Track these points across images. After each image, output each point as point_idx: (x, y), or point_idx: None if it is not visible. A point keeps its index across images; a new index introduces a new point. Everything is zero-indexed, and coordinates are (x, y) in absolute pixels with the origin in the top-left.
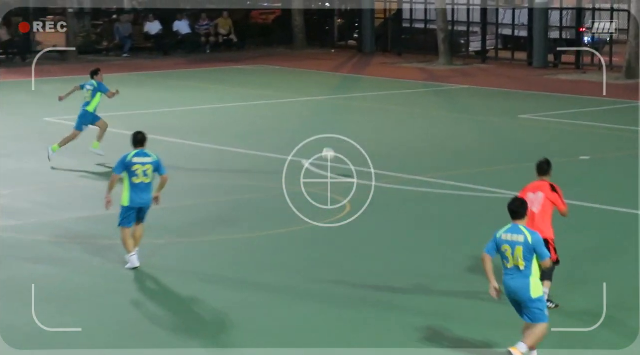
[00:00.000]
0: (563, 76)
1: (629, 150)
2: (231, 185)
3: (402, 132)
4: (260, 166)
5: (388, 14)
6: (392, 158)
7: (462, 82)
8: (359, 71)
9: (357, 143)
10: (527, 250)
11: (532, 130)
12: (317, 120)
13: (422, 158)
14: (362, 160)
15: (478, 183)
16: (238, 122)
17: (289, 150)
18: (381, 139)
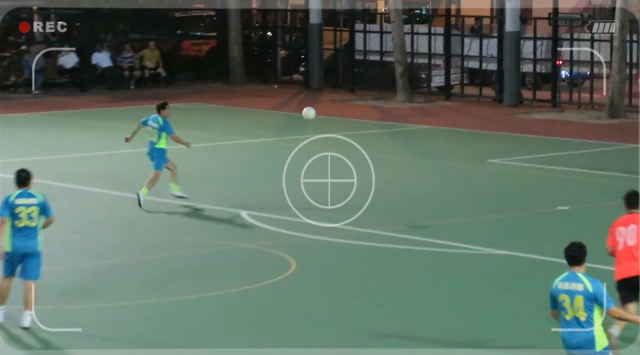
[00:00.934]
0: (538, 115)
1: (615, 200)
2: (159, 241)
3: (361, 177)
4: (194, 219)
5: (338, 45)
6: (343, 209)
7: (423, 122)
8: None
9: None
10: (587, 300)
11: (502, 176)
12: (259, 165)
13: (378, 209)
14: (312, 212)
15: (440, 237)
16: None
17: (228, 201)
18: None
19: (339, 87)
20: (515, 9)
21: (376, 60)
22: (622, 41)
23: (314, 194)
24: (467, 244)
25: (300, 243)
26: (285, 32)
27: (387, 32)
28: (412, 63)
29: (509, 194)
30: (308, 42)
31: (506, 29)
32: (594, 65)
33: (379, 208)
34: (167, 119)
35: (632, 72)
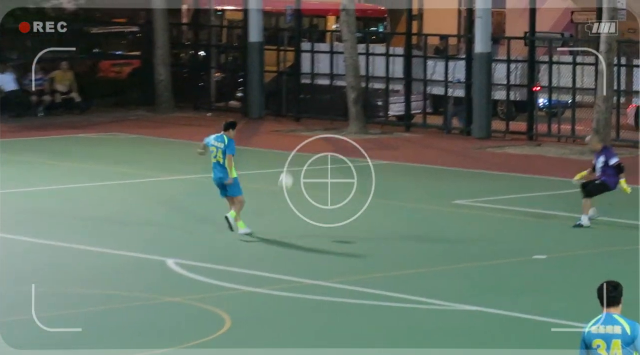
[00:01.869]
0: (511, 149)
1: (599, 247)
2: (72, 294)
3: (302, 223)
4: (113, 268)
5: (282, 67)
6: (288, 257)
7: (380, 156)
8: (244, 141)
9: (236, 238)
10: (625, 344)
11: (470, 220)
12: (188, 206)
13: (326, 257)
14: (248, 261)
15: (399, 290)
16: (83, 209)
17: (152, 247)
18: (273, 233)
19: (282, 115)
20: (487, 27)
21: (325, 84)
22: (609, 65)
23: (253, 247)
24: (430, 299)
25: (235, 297)
26: (221, 51)
27: (339, 52)
28: (367, 88)
29: (479, 240)
30: (247, 63)
31: (475, 50)
32: (576, 92)
33: (328, 255)
34: (232, 139)
35: (620, 100)
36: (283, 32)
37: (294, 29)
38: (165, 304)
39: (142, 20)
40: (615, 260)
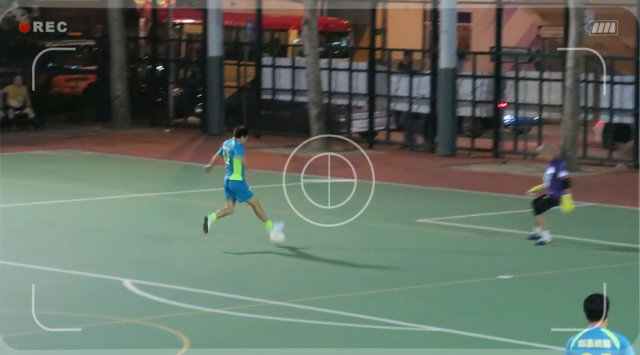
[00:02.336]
0: (476, 167)
1: (565, 267)
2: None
3: (262, 242)
4: (66, 288)
5: (242, 82)
6: (247, 277)
7: (342, 174)
8: (202, 159)
9: (196, 259)
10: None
11: (434, 239)
12: (145, 224)
13: (287, 277)
14: (207, 281)
15: (360, 310)
16: (37, 227)
17: (108, 267)
18: (233, 252)
19: None
20: (452, 42)
21: (287, 100)
22: (576, 81)
23: (214, 266)
24: (393, 320)
25: (194, 318)
26: (179, 66)
27: (300, 67)
28: (330, 104)
29: (442, 260)
30: (206, 78)
31: (440, 66)
32: (542, 108)
33: (289, 275)
34: (240, 143)
35: (587, 117)
36: (243, 47)
37: (255, 43)
38: (122, 325)
39: (98, 33)
40: (581, 281)
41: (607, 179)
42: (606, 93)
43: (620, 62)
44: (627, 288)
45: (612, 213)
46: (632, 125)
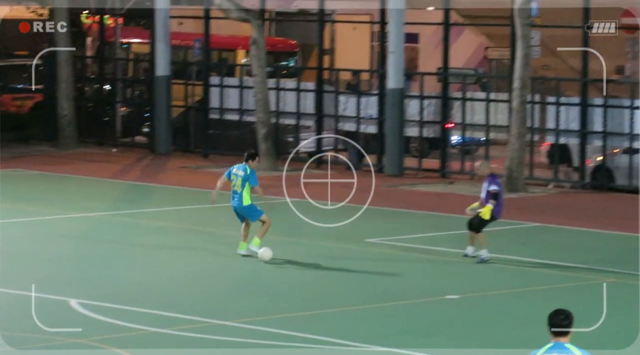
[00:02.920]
0: (424, 187)
1: (512, 288)
2: None
3: (210, 262)
4: (12, 308)
5: (190, 102)
6: (195, 297)
7: (290, 194)
8: (150, 178)
9: (143, 278)
10: None
11: (382, 259)
12: (91, 244)
13: (234, 297)
14: (154, 300)
15: (308, 330)
16: None
17: (54, 286)
18: (181, 272)
19: (190, 151)
20: (399, 62)
21: (234, 120)
22: (522, 102)
23: (159, 285)
24: (340, 339)
25: (140, 337)
26: (127, 85)
27: (248, 87)
28: (278, 124)
29: (390, 280)
30: (153, 97)
31: (388, 86)
32: (489, 129)
33: (236, 295)
34: (254, 170)
35: (533, 138)
36: (191, 66)
37: (202, 62)
38: (68, 344)
39: (45, 52)
40: (528, 301)
41: (553, 199)
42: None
43: (566, 83)
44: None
45: (557, 233)
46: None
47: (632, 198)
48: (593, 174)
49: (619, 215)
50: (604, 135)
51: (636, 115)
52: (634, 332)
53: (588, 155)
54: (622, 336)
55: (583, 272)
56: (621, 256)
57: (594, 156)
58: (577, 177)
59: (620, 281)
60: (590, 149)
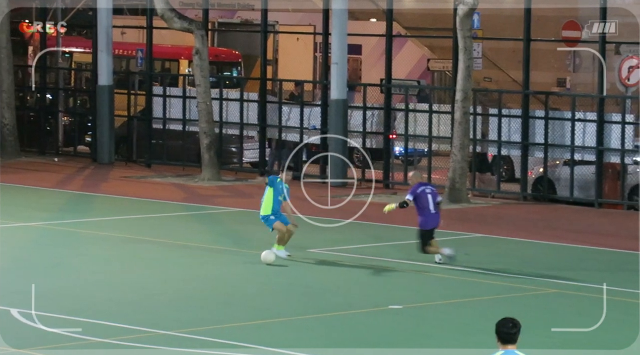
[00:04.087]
0: (367, 198)
1: (454, 297)
2: None
3: (153, 272)
4: None
5: (133, 111)
6: (139, 307)
7: (233, 204)
8: (92, 187)
9: (85, 288)
10: None
11: (326, 269)
12: (35, 254)
13: (179, 307)
14: (97, 310)
15: (252, 340)
16: None
17: None
18: (125, 282)
19: (133, 161)
20: (342, 73)
21: (178, 130)
22: (465, 113)
23: (105, 296)
24: (285, 349)
25: (83, 347)
26: (69, 94)
27: (192, 97)
28: (221, 134)
29: (334, 290)
30: (96, 107)
31: (331, 97)
32: (432, 140)
33: (181, 305)
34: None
35: (476, 149)
36: (134, 76)
37: (145, 72)
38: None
39: None
40: (471, 311)
41: (495, 210)
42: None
43: (508, 95)
44: None
45: (499, 244)
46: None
47: (573, 209)
48: (534, 185)
49: (561, 226)
50: (545, 147)
51: (577, 127)
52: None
53: (530, 166)
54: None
55: (525, 282)
56: (562, 267)
57: (535, 167)
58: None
59: (561, 292)
60: (531, 160)
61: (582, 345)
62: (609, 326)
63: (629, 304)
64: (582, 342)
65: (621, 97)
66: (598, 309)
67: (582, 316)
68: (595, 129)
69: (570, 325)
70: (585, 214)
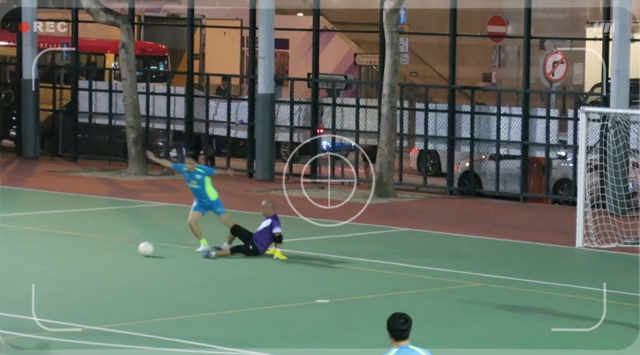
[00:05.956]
0: (295, 192)
1: (381, 292)
2: None
3: (79, 267)
4: None
5: (58, 105)
6: (65, 302)
7: (160, 198)
8: (17, 182)
9: (11, 283)
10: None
11: (251, 264)
12: None
13: (106, 302)
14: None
15: (177, 335)
16: None
17: None
18: (49, 277)
19: (58, 155)
20: (270, 68)
21: (104, 124)
22: (392, 108)
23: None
24: (210, 344)
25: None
26: None
27: (118, 91)
28: (148, 128)
29: (261, 285)
30: (21, 101)
31: (259, 91)
32: (359, 135)
33: (105, 300)
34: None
35: (403, 144)
36: (60, 70)
37: (71, 66)
38: None
39: None
40: (397, 305)
41: (421, 204)
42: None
43: (434, 90)
44: (439, 312)
45: (426, 238)
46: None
47: (499, 203)
48: (461, 179)
49: (486, 220)
50: (471, 142)
51: (503, 122)
52: None
53: (456, 161)
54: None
55: (451, 276)
56: (488, 261)
57: (462, 162)
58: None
59: (486, 286)
60: (458, 155)
61: (581, 344)
62: (609, 326)
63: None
64: (581, 341)
65: (546, 92)
66: (524, 302)
67: (507, 310)
68: (520, 123)
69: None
70: (511, 208)
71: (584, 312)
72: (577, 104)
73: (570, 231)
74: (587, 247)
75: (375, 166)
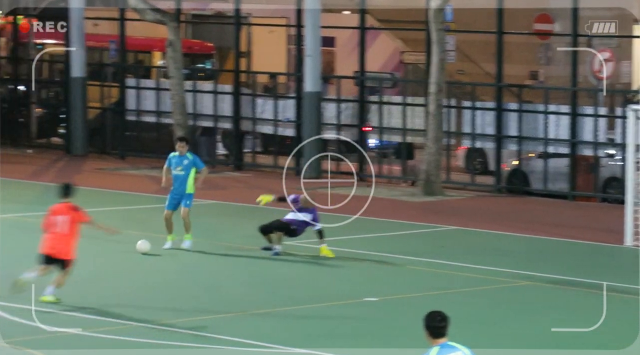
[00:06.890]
0: (342, 190)
1: (429, 290)
2: None
3: (128, 264)
4: None
5: (106, 103)
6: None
7: (209, 196)
8: (66, 179)
9: None
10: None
11: (300, 261)
12: (9, 246)
13: (153, 299)
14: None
15: (228, 332)
16: None
17: None
18: (100, 271)
19: (106, 153)
20: (316, 65)
21: (152, 122)
22: (438, 106)
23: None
24: (259, 342)
25: (55, 339)
26: (42, 86)
27: (165, 89)
28: (195, 126)
29: (308, 283)
30: (69, 99)
31: (305, 89)
32: (406, 133)
33: (154, 297)
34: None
35: (450, 142)
36: (107, 68)
37: (118, 64)
38: None
39: None
40: (446, 303)
41: (469, 203)
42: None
43: (481, 88)
44: (488, 311)
45: (474, 236)
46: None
47: (547, 202)
48: (509, 177)
49: (534, 219)
50: (519, 140)
51: (550, 120)
52: None
53: (504, 159)
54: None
55: (498, 274)
56: (535, 259)
57: (509, 160)
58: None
59: (534, 284)
60: (505, 153)
61: (581, 344)
62: (609, 326)
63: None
64: (581, 341)
65: (594, 90)
66: (570, 301)
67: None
68: (568, 121)
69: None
70: (559, 207)
71: (633, 310)
72: (625, 101)
73: (619, 230)
74: (636, 245)
75: (423, 164)
